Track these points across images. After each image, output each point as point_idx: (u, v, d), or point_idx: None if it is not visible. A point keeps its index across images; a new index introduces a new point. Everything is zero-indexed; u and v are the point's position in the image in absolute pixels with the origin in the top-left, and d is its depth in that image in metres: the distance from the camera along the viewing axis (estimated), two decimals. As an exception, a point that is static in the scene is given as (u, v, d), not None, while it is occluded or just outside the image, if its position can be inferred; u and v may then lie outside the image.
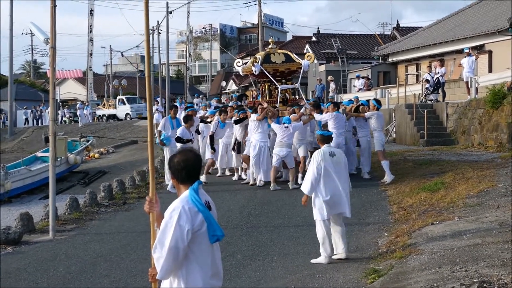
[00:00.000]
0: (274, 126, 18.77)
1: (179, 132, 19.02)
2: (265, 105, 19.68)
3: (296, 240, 12.44)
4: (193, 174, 5.58)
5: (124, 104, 64.37)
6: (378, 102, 19.99)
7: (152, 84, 6.40)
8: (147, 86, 6.39)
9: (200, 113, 25.70)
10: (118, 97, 68.70)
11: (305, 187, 10.97)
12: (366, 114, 19.54)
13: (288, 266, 10.81)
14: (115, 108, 66.59)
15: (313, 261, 10.89)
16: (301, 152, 19.03)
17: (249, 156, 19.21)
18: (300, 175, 18.62)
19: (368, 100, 21.39)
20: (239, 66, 23.14)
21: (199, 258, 5.40)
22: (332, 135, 11.80)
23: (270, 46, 22.12)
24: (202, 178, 19.13)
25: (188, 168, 5.55)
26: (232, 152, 20.79)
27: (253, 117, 19.23)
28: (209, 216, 5.40)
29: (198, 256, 5.40)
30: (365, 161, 20.05)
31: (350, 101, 23.43)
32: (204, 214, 5.38)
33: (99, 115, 68.72)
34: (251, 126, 19.28)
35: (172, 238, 5.27)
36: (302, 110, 19.67)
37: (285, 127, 18.40)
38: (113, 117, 65.76)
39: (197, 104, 34.36)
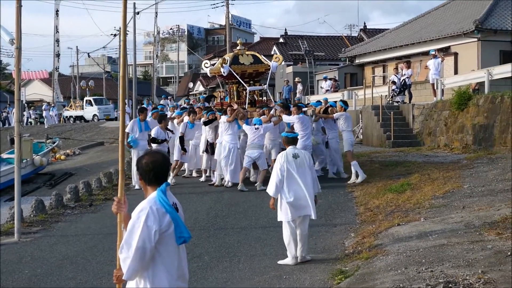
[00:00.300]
0: (245, 127, 18.89)
1: (153, 132, 19.09)
2: (235, 106, 19.70)
3: (263, 241, 12.45)
4: (161, 175, 5.57)
5: (92, 105, 64.07)
6: (345, 103, 20.12)
7: (119, 85, 6.37)
8: (120, 86, 6.34)
9: (168, 114, 25.69)
10: (85, 98, 68.27)
11: (270, 189, 11.01)
12: (334, 115, 19.64)
13: (255, 267, 10.81)
14: (82, 109, 66.15)
15: (280, 262, 10.92)
16: (273, 154, 19.04)
17: None
18: None
19: (335, 102, 21.51)
20: (207, 67, 23.20)
21: (165, 260, 5.39)
22: (297, 137, 11.81)
23: (238, 48, 22.21)
24: (170, 179, 19.13)
25: (156, 169, 5.53)
26: (202, 154, 20.72)
27: (223, 118, 19.27)
28: (177, 217, 5.39)
29: (164, 257, 5.38)
30: (335, 162, 20.19)
31: (319, 102, 23.51)
32: (172, 215, 5.37)
33: (66, 116, 68.18)
34: (221, 128, 19.32)
35: (139, 239, 5.24)
36: (272, 112, 19.74)
37: (255, 129, 18.48)
38: (81, 118, 65.32)
39: (164, 106, 34.20)
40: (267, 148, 19.26)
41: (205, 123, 20.08)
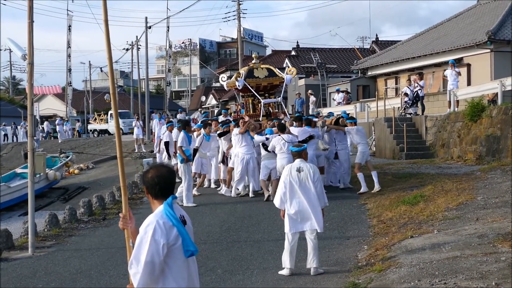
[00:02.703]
0: (257, 138, 19.01)
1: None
2: (247, 118, 19.87)
3: (276, 254, 12.40)
4: (167, 189, 5.58)
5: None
6: (351, 119, 20.23)
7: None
8: (112, 101, 6.36)
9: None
10: (110, 112, 68.45)
11: (276, 201, 11.22)
12: (346, 129, 19.70)
13: (268, 280, 10.80)
14: (107, 123, 66.32)
15: (279, 272, 11.04)
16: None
17: (233, 169, 19.47)
18: None
19: (348, 114, 21.62)
20: (224, 81, 23.56)
21: (175, 273, 5.39)
22: (305, 150, 11.86)
23: (253, 61, 22.54)
24: (194, 190, 19.72)
25: (161, 183, 5.55)
26: (220, 165, 21.12)
27: (235, 131, 19.45)
28: (183, 231, 5.39)
29: (174, 270, 5.39)
30: (344, 174, 20.31)
31: (331, 113, 23.67)
32: (178, 229, 5.37)
33: (91, 130, 68.44)
34: (234, 140, 19.52)
35: (148, 253, 5.25)
36: (266, 124, 20.09)
37: (266, 139, 18.61)
38: (105, 132, 65.43)
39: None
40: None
41: (219, 135, 20.54)
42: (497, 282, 8.09)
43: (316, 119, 20.95)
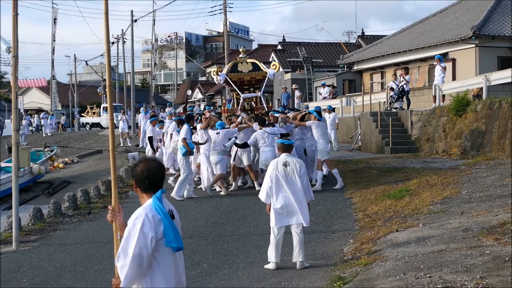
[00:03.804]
0: (210, 132, 19.41)
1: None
2: (208, 114, 20.01)
3: (262, 248, 12.39)
4: (156, 183, 5.56)
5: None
6: (319, 113, 20.02)
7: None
8: (108, 95, 6.33)
9: (166, 122, 25.89)
10: (102, 105, 68.16)
11: (261, 196, 11.21)
12: (307, 122, 19.58)
13: (254, 274, 10.80)
14: (99, 116, 66.06)
15: (265, 266, 11.07)
16: (245, 161, 19.55)
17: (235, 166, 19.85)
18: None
19: (334, 108, 21.59)
20: (215, 76, 23.43)
21: (162, 267, 5.38)
22: (292, 144, 11.92)
23: (240, 56, 22.38)
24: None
25: (151, 177, 5.53)
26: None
27: (198, 127, 19.79)
28: (169, 225, 5.37)
29: (161, 264, 5.37)
30: (313, 169, 20.31)
31: (317, 107, 23.59)
32: (165, 223, 5.35)
33: (82, 123, 68.20)
34: (198, 137, 19.65)
35: (136, 246, 5.23)
36: (239, 119, 20.33)
37: (216, 133, 18.74)
38: (97, 125, 65.16)
39: (171, 113, 34.15)
40: (238, 155, 19.47)
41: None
42: (481, 275, 8.12)
43: (277, 115, 20.76)
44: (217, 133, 18.91)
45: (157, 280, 5.37)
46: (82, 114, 71.44)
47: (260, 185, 18.80)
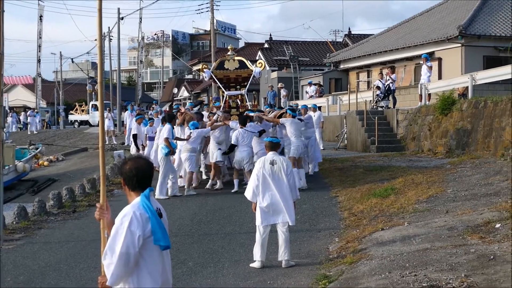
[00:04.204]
0: (186, 131, 19.42)
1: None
2: (183, 109, 20.08)
3: (248, 247, 12.37)
4: (145, 181, 5.55)
5: (98, 109, 63.30)
6: (293, 111, 19.99)
7: (104, 91, 6.28)
8: (99, 91, 6.28)
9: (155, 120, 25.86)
10: (91, 103, 67.87)
11: (248, 194, 11.21)
12: (280, 120, 19.52)
13: (239, 273, 10.79)
14: (88, 113, 65.83)
15: (251, 265, 11.06)
16: (213, 158, 19.65)
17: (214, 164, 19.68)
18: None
19: (320, 107, 21.59)
20: (202, 73, 23.49)
21: (149, 265, 5.36)
22: (279, 143, 11.93)
23: (229, 53, 22.37)
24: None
25: (139, 175, 5.51)
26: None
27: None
28: (157, 224, 5.35)
29: (148, 263, 5.35)
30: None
31: (304, 106, 23.63)
32: (153, 221, 5.33)
33: (71, 120, 67.89)
34: (177, 133, 19.70)
35: (123, 244, 5.20)
36: (214, 117, 20.34)
37: (190, 133, 18.77)
38: (86, 122, 64.93)
39: (157, 112, 34.01)
40: (212, 152, 19.64)
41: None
42: (466, 273, 8.14)
43: (252, 114, 20.64)
44: (190, 133, 18.96)
45: (143, 278, 5.34)
46: (71, 111, 71.10)
47: (214, 184, 19.48)
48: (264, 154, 18.63)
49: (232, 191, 18.79)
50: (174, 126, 19.61)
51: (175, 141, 19.13)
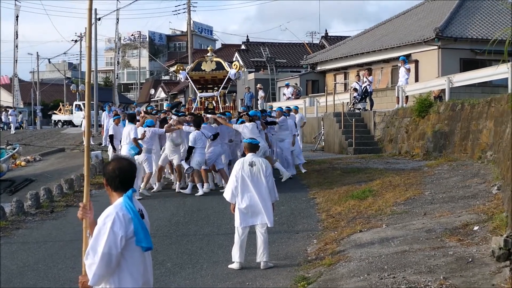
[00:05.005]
0: (139, 130, 19.31)
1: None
2: (142, 113, 20.24)
3: (226, 248, 12.40)
4: (127, 181, 5.56)
5: (81, 110, 62.64)
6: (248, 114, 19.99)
7: (86, 90, 6.24)
8: (86, 91, 6.25)
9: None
10: (75, 103, 67.41)
11: (226, 195, 11.23)
12: (233, 126, 19.35)
13: (218, 274, 10.80)
14: (72, 113, 65.46)
15: (229, 266, 11.09)
16: (175, 161, 19.71)
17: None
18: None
19: (298, 107, 21.60)
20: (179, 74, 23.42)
21: (131, 266, 5.37)
22: (258, 144, 11.93)
23: (208, 54, 22.31)
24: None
25: (121, 176, 5.52)
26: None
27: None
28: (139, 225, 5.36)
29: (130, 263, 5.36)
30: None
31: (279, 108, 23.58)
32: (135, 222, 5.34)
33: (55, 121, 67.46)
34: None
35: (106, 245, 5.21)
36: (171, 121, 20.27)
37: (144, 131, 18.85)
38: (69, 123, 64.53)
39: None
40: (166, 154, 19.84)
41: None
42: (445, 276, 8.21)
43: (209, 115, 20.52)
44: (144, 131, 19.01)
45: (124, 278, 5.35)
46: (55, 111, 70.68)
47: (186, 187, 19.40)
48: (214, 156, 19.02)
49: (197, 194, 18.76)
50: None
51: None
